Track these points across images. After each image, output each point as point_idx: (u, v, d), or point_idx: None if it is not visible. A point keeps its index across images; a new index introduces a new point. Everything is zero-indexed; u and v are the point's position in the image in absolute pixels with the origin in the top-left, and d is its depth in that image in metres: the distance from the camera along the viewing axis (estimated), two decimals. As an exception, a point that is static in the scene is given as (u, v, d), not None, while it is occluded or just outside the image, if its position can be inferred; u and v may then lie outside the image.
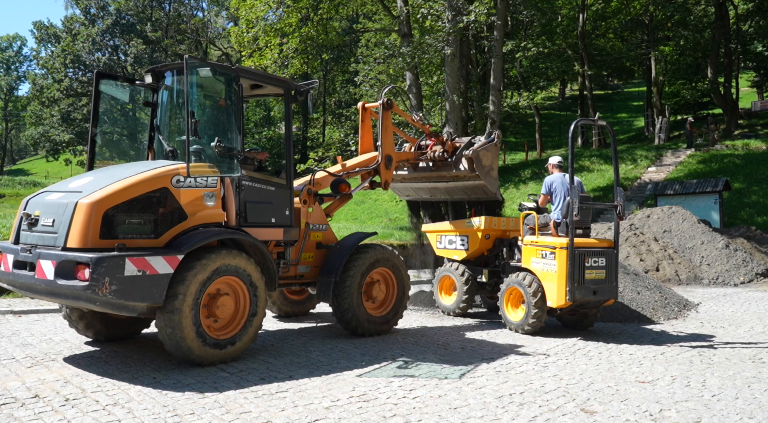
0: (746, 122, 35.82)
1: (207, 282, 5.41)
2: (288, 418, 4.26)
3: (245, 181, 6.11)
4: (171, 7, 50.85)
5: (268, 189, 6.37)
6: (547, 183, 7.99)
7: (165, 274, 5.17)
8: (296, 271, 7.09)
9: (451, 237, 8.96)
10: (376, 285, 7.44)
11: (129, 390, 4.81)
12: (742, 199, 22.90)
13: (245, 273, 5.73)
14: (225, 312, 5.68)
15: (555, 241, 7.37)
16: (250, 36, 21.53)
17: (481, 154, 8.51)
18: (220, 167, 5.87)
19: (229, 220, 5.96)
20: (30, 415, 4.22)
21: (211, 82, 6.28)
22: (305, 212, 7.19)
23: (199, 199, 5.66)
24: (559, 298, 7.24)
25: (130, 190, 5.24)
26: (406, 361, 5.99)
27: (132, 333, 6.74)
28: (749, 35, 35.02)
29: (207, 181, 5.71)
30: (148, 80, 6.61)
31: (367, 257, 7.19)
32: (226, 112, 6.34)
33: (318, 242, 7.31)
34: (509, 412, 4.48)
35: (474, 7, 17.96)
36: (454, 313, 9.01)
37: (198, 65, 5.89)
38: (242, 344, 5.76)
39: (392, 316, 7.54)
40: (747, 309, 9.88)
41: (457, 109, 19.85)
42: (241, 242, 6.03)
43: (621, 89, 54.75)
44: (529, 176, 29.02)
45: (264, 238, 6.27)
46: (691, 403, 4.79)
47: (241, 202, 6.05)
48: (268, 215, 6.34)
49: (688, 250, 14.25)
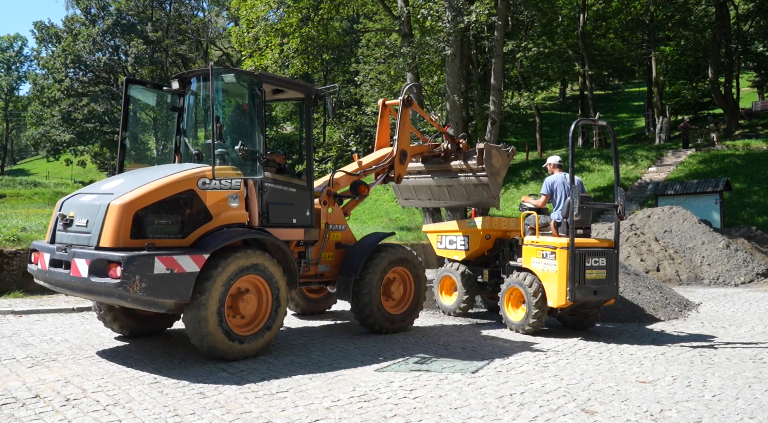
0: (747, 122, 35.81)
1: (231, 280, 5.62)
2: (288, 418, 4.26)
3: (267, 183, 6.35)
4: (171, 7, 50.81)
5: (289, 190, 6.60)
6: (548, 183, 7.98)
7: (192, 272, 5.38)
8: (316, 270, 7.30)
9: (452, 237, 8.95)
10: (393, 284, 7.61)
11: (129, 390, 4.81)
12: (743, 199, 22.90)
13: (268, 272, 5.93)
14: (248, 309, 5.88)
15: (555, 241, 7.37)
16: (251, 36, 21.50)
17: (493, 152, 8.61)
18: (244, 170, 6.08)
19: (252, 221, 6.17)
20: (31, 415, 4.22)
21: (235, 88, 6.49)
22: (325, 213, 7.37)
23: (224, 200, 5.87)
24: (560, 298, 7.23)
25: (159, 192, 5.47)
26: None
27: (159, 329, 7.03)
28: (750, 35, 35.01)
29: (231, 183, 5.93)
30: (174, 86, 6.88)
31: (386, 256, 7.37)
32: (249, 117, 6.57)
33: (337, 242, 7.50)
34: (510, 412, 4.48)
35: (475, 7, 17.95)
36: (455, 314, 9.00)
37: (223, 72, 6.15)
38: (264, 340, 5.96)
39: (409, 314, 7.70)
40: (748, 309, 9.87)
41: (457, 109, 19.83)
42: (263, 242, 6.21)
43: (621, 89, 54.73)
44: (529, 176, 29.01)
45: (285, 238, 6.48)
46: (692, 403, 4.78)
47: (264, 203, 6.29)
48: (289, 216, 6.57)
49: (688, 250, 14.24)
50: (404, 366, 5.78)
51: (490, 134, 20.65)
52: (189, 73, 6.94)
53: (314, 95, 7.04)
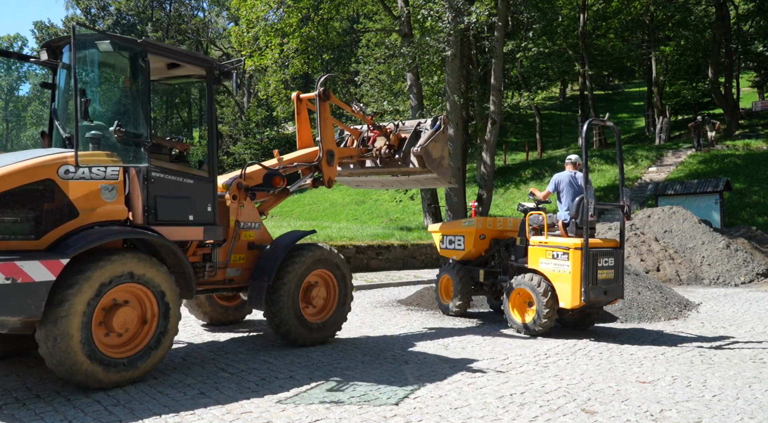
0: (747, 122, 35.81)
1: (103, 290, 4.66)
2: (289, 418, 4.26)
3: (156, 173, 5.30)
4: (171, 7, 50.87)
5: (185, 182, 5.56)
6: (554, 180, 7.92)
7: (43, 281, 4.35)
8: (225, 274, 6.31)
9: (452, 237, 8.96)
10: (315, 288, 6.72)
11: (130, 390, 4.81)
12: (743, 199, 22.90)
13: (152, 280, 4.98)
14: (126, 326, 4.90)
15: (568, 242, 7.27)
16: (251, 36, 21.52)
17: (429, 147, 7.96)
18: (124, 156, 5.06)
19: (134, 218, 5.17)
20: (31, 415, 4.22)
21: (114, 58, 5.44)
22: (235, 209, 6.42)
23: (95, 193, 4.85)
24: (574, 299, 7.14)
25: (4, 181, 4.43)
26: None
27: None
28: (750, 35, 35.00)
29: (105, 172, 4.90)
30: (43, 57, 5.73)
31: (305, 258, 6.50)
32: (131, 94, 5.45)
33: (250, 242, 6.58)
34: (510, 412, 4.48)
35: (475, 7, 17.96)
36: (452, 313, 8.99)
37: (96, 38, 5.04)
38: (146, 365, 4.98)
39: (333, 322, 6.87)
40: (748, 309, 9.87)
41: (457, 109, 19.84)
42: (152, 243, 5.28)
43: (621, 89, 54.73)
44: (529, 176, 29.01)
45: (179, 238, 5.48)
46: (692, 403, 4.78)
47: (150, 196, 5.23)
48: (184, 212, 5.53)
49: (688, 251, 14.24)
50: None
51: (490, 134, 20.65)
52: (59, 41, 5.68)
53: (217, 71, 6.00)
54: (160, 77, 6.24)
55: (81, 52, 5.20)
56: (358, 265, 14.35)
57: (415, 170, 8.23)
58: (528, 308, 7.59)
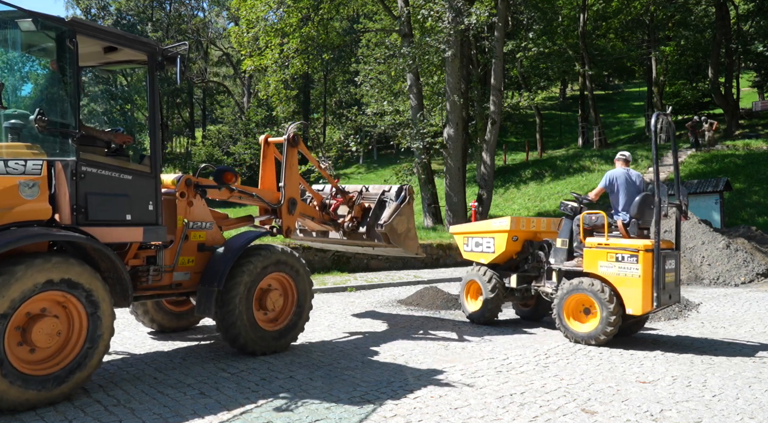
0: (747, 122, 35.81)
1: (21, 300, 4.16)
2: (289, 418, 4.26)
3: (87, 168, 4.75)
4: (172, 7, 50.89)
5: (122, 178, 5.03)
6: (608, 178, 7.35)
7: None
8: (172, 278, 5.80)
9: (478, 239, 8.31)
10: (270, 293, 6.23)
11: (130, 390, 4.82)
12: (743, 199, 22.90)
13: (81, 287, 4.49)
14: (48, 339, 4.36)
15: (637, 243, 6.68)
16: (251, 36, 21.52)
17: (395, 223, 7.60)
18: (49, 149, 4.60)
19: (61, 218, 4.65)
20: (32, 414, 4.22)
21: (38, 38, 4.93)
22: (183, 207, 5.90)
23: (12, 189, 4.34)
24: (645, 305, 6.59)
25: None
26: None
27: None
28: (750, 35, 34.99)
29: (26, 167, 4.41)
30: None
31: (259, 260, 6.03)
32: (58, 79, 4.97)
33: (200, 243, 6.04)
34: (510, 412, 4.48)
35: (475, 8, 17.97)
36: (480, 321, 8.24)
37: (16, 15, 4.49)
38: (70, 384, 4.46)
39: (290, 328, 6.40)
40: (748, 309, 9.87)
41: (457, 110, 19.85)
42: (84, 247, 4.77)
43: (622, 89, 54.75)
44: (529, 176, 29.01)
45: (114, 240, 4.97)
46: (692, 403, 4.79)
47: (80, 194, 4.69)
48: (121, 211, 5.00)
49: (688, 250, 14.24)
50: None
51: (490, 134, 20.67)
52: None
53: (160, 56, 5.43)
54: (98, 63, 5.67)
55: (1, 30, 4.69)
56: (358, 265, 14.35)
57: (380, 245, 7.98)
58: (585, 316, 7.04)
